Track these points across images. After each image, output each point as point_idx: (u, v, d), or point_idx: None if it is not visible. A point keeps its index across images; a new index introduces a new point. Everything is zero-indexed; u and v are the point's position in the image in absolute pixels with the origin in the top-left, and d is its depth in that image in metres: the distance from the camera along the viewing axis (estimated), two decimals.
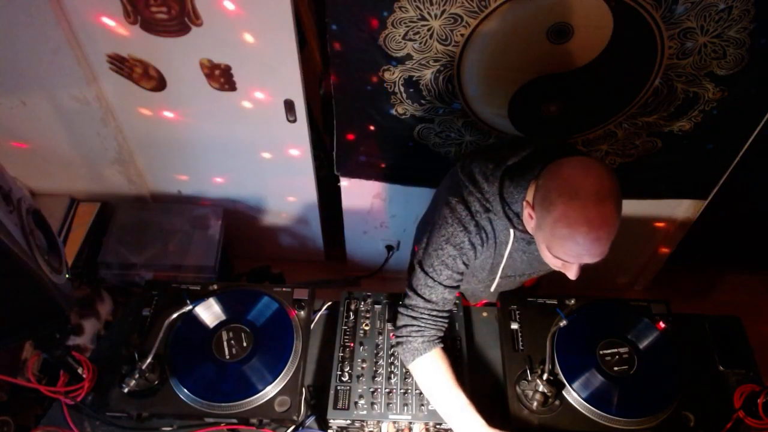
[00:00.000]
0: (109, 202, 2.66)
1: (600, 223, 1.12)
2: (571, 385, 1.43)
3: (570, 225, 1.13)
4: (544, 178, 1.21)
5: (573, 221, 1.13)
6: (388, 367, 1.48)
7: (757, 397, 1.42)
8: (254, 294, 1.59)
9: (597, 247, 1.15)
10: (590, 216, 1.12)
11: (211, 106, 2.18)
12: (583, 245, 1.15)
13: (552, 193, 1.17)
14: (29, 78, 2.09)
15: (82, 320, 2.27)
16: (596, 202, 1.12)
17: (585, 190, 1.13)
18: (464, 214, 1.34)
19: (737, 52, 1.74)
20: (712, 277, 3.06)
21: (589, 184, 1.13)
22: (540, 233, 1.24)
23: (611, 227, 1.14)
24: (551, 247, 1.21)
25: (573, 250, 1.17)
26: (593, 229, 1.12)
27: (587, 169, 1.16)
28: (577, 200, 1.13)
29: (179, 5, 1.83)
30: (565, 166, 1.19)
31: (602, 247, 1.16)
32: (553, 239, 1.19)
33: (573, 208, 1.13)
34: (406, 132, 2.09)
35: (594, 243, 1.14)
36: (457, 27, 1.71)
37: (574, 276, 1.26)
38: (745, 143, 2.08)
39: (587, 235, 1.13)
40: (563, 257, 1.21)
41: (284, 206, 2.71)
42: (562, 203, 1.14)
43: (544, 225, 1.20)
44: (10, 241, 1.01)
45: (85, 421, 1.45)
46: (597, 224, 1.12)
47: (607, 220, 1.13)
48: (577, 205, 1.12)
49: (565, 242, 1.16)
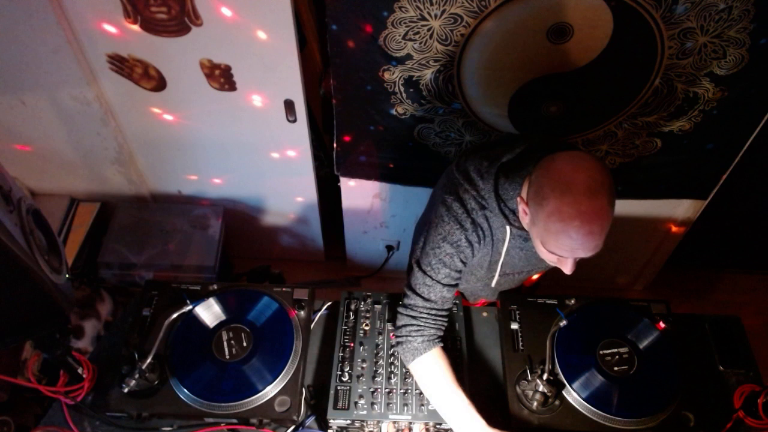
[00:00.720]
0: (109, 202, 2.66)
1: (592, 216, 1.12)
2: (571, 385, 1.43)
3: (563, 219, 1.14)
4: (537, 174, 1.22)
5: (566, 216, 1.13)
6: (388, 367, 1.48)
7: (757, 397, 1.42)
8: (254, 294, 1.59)
9: (590, 241, 1.15)
10: (582, 210, 1.12)
11: (211, 107, 2.18)
12: (576, 239, 1.15)
13: (544, 188, 1.17)
14: (29, 78, 2.09)
15: (83, 321, 2.27)
16: (588, 195, 1.12)
17: (577, 184, 1.13)
18: (460, 212, 1.35)
19: (737, 52, 1.74)
20: (712, 277, 3.06)
21: (581, 178, 1.13)
22: (534, 228, 1.24)
23: (604, 220, 1.14)
24: (545, 242, 1.21)
25: (567, 245, 1.17)
26: (586, 223, 1.13)
27: (579, 163, 1.16)
28: (569, 195, 1.13)
29: (179, 5, 1.83)
30: (557, 161, 1.19)
31: (596, 240, 1.16)
32: (546, 234, 1.19)
33: (565, 203, 1.13)
34: (406, 132, 2.09)
35: (587, 237, 1.14)
36: (457, 27, 1.71)
37: (569, 270, 1.26)
38: (745, 143, 2.08)
39: (580, 228, 1.13)
40: (557, 252, 1.21)
41: (284, 206, 2.71)
42: (555, 198, 1.14)
43: (537, 220, 1.20)
44: (10, 241, 1.01)
45: (85, 421, 1.45)
46: (589, 218, 1.12)
47: (600, 213, 1.13)
48: (570, 199, 1.13)
49: (558, 237, 1.17)
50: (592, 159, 1.17)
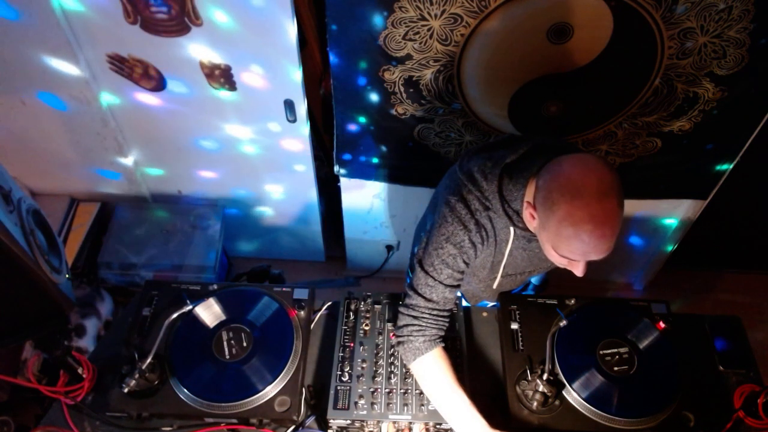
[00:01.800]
0: (109, 202, 2.66)
1: (604, 219, 1.12)
2: (571, 385, 1.43)
3: (575, 224, 1.14)
4: (544, 178, 1.21)
5: (578, 220, 1.13)
6: (388, 367, 1.48)
7: (757, 397, 1.42)
8: (254, 294, 1.59)
9: (603, 244, 1.16)
10: (594, 213, 1.12)
11: (211, 107, 2.19)
12: (588, 243, 1.15)
13: (554, 192, 1.17)
14: (29, 78, 2.09)
15: (83, 319, 2.27)
16: (599, 199, 1.12)
17: (587, 188, 1.13)
18: (464, 213, 1.35)
19: (737, 52, 1.74)
20: (712, 277, 3.06)
21: (591, 181, 1.13)
22: (544, 233, 1.24)
23: (615, 223, 1.14)
24: (557, 246, 1.21)
25: (579, 249, 1.17)
26: (598, 227, 1.13)
27: (588, 166, 1.16)
28: (580, 199, 1.13)
29: (179, 5, 1.83)
30: (565, 165, 1.19)
31: (608, 243, 1.16)
32: (558, 239, 1.19)
33: (577, 207, 1.13)
34: (406, 132, 2.09)
35: (600, 240, 1.14)
36: (457, 27, 1.71)
37: (581, 273, 1.26)
38: (745, 143, 2.08)
39: (593, 232, 1.13)
40: (570, 256, 1.22)
41: (284, 206, 2.71)
42: (565, 202, 1.14)
43: (548, 225, 1.20)
44: (10, 241, 1.01)
45: (85, 421, 1.45)
46: (601, 221, 1.12)
47: (611, 216, 1.13)
48: (581, 203, 1.13)
49: (571, 241, 1.17)
50: (599, 161, 1.17)
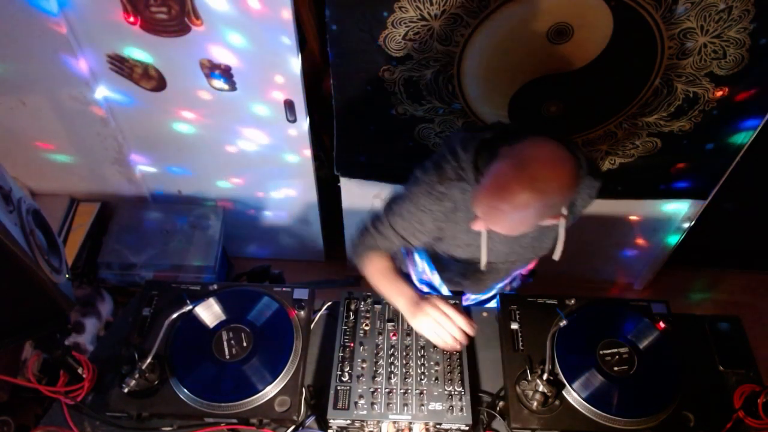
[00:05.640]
0: (109, 202, 2.66)
1: (511, 196, 1.16)
2: (571, 385, 1.43)
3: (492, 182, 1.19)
4: (504, 148, 1.25)
5: (495, 179, 1.19)
6: (388, 367, 1.48)
7: (757, 397, 1.42)
8: (254, 294, 1.59)
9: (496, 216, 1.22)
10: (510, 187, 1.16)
11: (211, 107, 2.19)
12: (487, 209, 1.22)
13: (500, 157, 1.22)
14: (29, 78, 2.09)
15: (83, 317, 2.27)
16: (530, 182, 1.15)
17: (528, 162, 1.17)
18: (434, 179, 1.39)
19: (737, 52, 1.74)
20: (712, 277, 3.06)
21: (537, 160, 1.17)
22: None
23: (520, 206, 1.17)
24: (474, 197, 1.27)
25: (481, 208, 1.25)
26: (504, 199, 1.18)
27: (544, 149, 1.19)
28: (513, 166, 1.18)
29: (179, 5, 1.83)
30: (527, 142, 1.22)
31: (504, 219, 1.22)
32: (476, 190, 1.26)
33: (503, 170, 1.18)
34: (406, 132, 2.09)
35: (493, 210, 1.21)
36: (457, 27, 1.71)
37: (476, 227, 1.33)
38: (745, 143, 2.08)
39: (493, 198, 1.19)
40: (476, 212, 1.27)
41: (284, 206, 2.72)
42: (499, 162, 1.20)
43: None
44: (10, 241, 1.01)
45: (85, 421, 1.45)
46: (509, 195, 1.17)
47: (523, 199, 1.16)
48: (508, 169, 1.18)
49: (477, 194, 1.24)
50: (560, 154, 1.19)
